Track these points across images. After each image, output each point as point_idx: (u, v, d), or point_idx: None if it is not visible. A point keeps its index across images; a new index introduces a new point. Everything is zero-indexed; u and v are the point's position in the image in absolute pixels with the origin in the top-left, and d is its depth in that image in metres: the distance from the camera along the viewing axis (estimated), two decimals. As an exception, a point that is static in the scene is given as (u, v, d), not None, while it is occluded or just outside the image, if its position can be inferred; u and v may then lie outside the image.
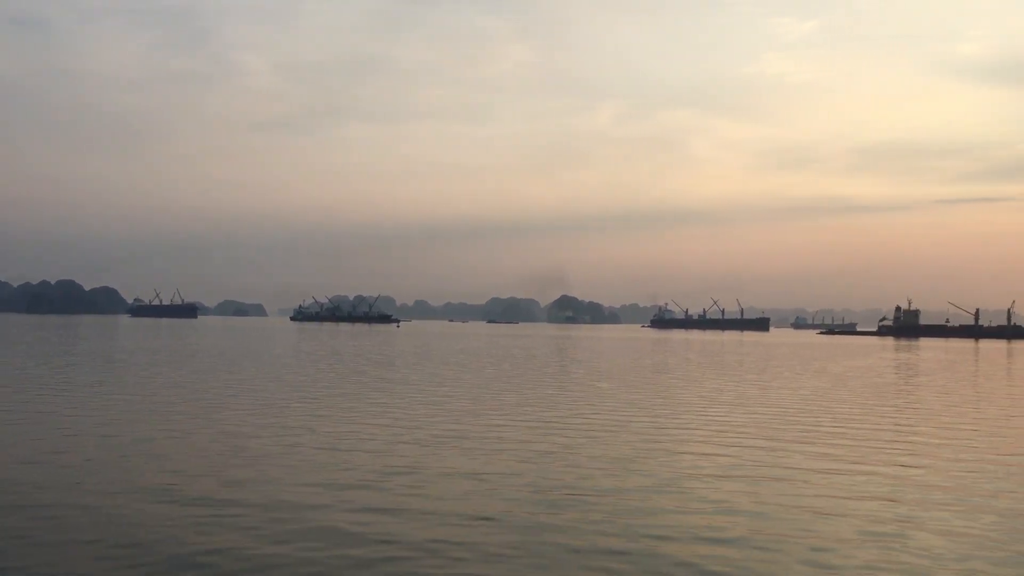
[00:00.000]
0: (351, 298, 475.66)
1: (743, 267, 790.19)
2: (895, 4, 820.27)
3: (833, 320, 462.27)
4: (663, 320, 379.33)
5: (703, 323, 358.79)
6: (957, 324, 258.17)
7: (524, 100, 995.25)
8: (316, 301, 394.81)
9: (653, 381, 47.90)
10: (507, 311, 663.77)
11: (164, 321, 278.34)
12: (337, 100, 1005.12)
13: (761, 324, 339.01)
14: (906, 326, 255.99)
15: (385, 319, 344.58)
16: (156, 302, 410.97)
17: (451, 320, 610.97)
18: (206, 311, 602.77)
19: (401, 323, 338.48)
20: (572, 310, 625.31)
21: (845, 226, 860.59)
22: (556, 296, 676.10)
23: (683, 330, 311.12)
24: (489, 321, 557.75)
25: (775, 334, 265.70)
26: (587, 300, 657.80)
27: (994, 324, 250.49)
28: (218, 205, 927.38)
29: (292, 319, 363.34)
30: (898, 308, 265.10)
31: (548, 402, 34.58)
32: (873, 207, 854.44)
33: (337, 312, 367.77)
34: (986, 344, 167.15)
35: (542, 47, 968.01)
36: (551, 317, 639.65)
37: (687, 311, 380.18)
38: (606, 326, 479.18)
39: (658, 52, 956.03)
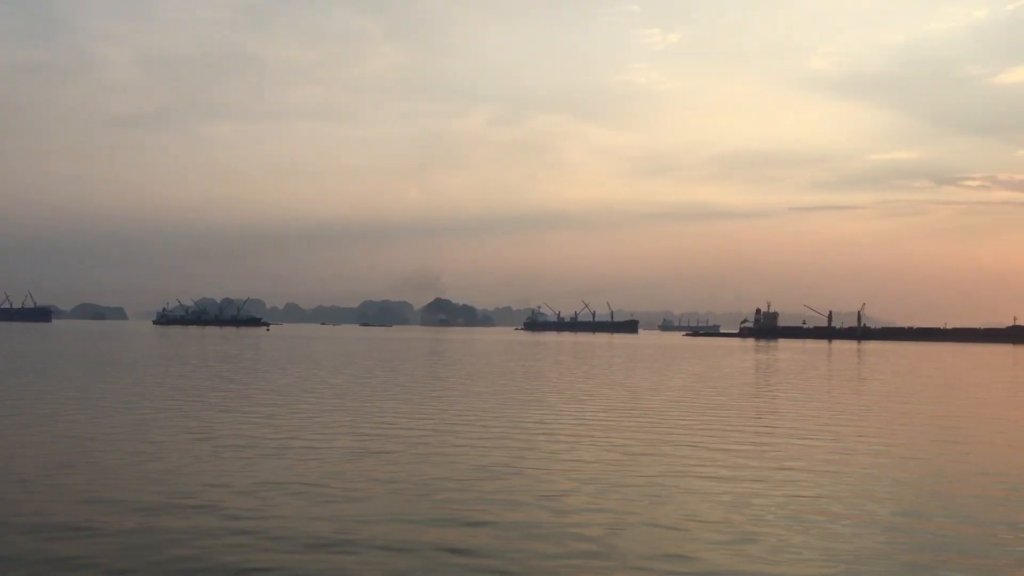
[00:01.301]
0: (218, 301, 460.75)
1: (613, 271, 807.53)
2: (752, 20, 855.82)
3: (698, 322, 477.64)
4: (536, 323, 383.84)
5: (575, 325, 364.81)
6: (812, 326, 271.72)
7: (396, 102, 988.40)
8: (181, 304, 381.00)
9: (524, 383, 48.18)
10: (380, 314, 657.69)
11: (14, 325, 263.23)
12: (203, 97, 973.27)
13: (630, 326, 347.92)
14: (765, 328, 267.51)
15: (254, 322, 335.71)
16: (6, 305, 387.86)
17: (323, 323, 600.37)
18: (61, 315, 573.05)
19: (271, 327, 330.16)
20: (446, 313, 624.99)
21: (708, 231, 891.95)
22: (430, 299, 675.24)
23: (555, 332, 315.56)
24: (362, 324, 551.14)
25: (643, 336, 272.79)
26: (461, 303, 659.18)
27: (846, 326, 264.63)
28: (74, 203, 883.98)
29: (155, 323, 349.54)
30: (758, 311, 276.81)
31: (419, 406, 34.22)
32: (733, 213, 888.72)
33: (203, 316, 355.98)
34: (839, 344, 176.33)
35: (414, 49, 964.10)
36: (425, 320, 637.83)
37: (559, 314, 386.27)
38: (480, 329, 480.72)
39: (530, 58, 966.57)
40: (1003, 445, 25.62)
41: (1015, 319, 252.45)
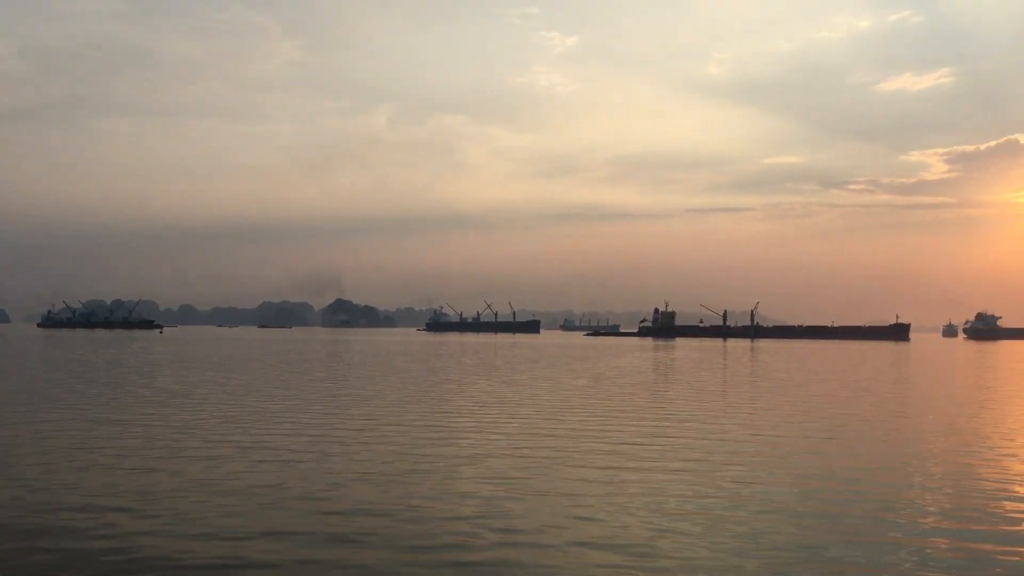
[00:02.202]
0: (108, 303, 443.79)
1: (515, 271, 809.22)
2: (649, 25, 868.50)
3: (599, 322, 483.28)
4: (438, 323, 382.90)
5: (477, 326, 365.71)
6: (709, 325, 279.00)
7: (295, 99, 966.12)
8: (68, 306, 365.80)
9: (426, 384, 47.96)
10: (279, 315, 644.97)
11: None
12: (92, 92, 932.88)
13: (532, 326, 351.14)
14: (664, 327, 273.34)
15: (147, 325, 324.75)
16: None
17: (220, 325, 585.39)
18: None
19: (164, 329, 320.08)
20: (347, 314, 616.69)
21: (608, 232, 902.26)
22: (331, 300, 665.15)
23: (458, 333, 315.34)
24: (260, 326, 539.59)
25: (545, 336, 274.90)
26: (362, 304, 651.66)
27: (741, 324, 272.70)
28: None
29: (40, 326, 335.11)
30: (656, 310, 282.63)
31: (315, 409, 33.73)
32: (632, 214, 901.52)
33: (92, 318, 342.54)
34: (733, 343, 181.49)
35: (314, 46, 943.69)
36: (326, 321, 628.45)
37: (462, 314, 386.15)
38: (382, 330, 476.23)
39: (432, 58, 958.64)
40: (874, 440, 26.76)
41: (897, 317, 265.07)
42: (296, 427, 27.96)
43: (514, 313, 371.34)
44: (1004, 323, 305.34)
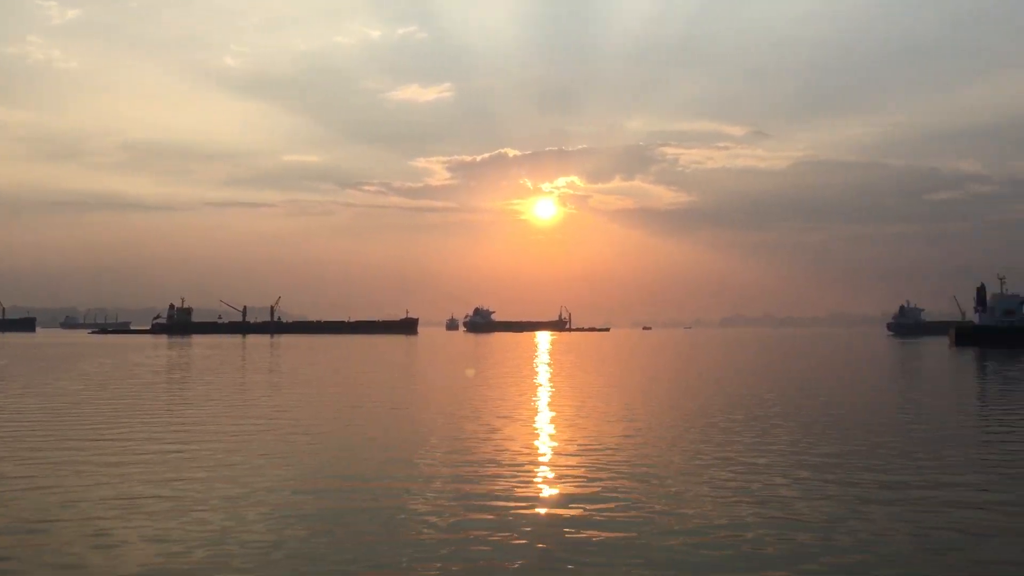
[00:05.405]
0: None
1: (6, 263, 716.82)
2: (160, 8, 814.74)
3: (107, 319, 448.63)
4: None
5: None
6: (228, 321, 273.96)
7: None
8: None
9: None
10: None
11: None
12: None
13: (27, 324, 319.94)
14: (179, 323, 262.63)
15: None
16: None
17: None
18: None
19: None
20: None
21: (117, 223, 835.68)
22: None
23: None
24: None
25: (42, 335, 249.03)
26: None
27: (261, 320, 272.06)
28: None
29: None
30: (172, 306, 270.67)
31: None
32: (145, 205, 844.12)
33: None
34: (253, 339, 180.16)
35: None
36: None
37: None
38: None
39: None
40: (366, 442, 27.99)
41: (407, 312, 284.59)
42: None
43: (3, 310, 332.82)
44: (496, 316, 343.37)
